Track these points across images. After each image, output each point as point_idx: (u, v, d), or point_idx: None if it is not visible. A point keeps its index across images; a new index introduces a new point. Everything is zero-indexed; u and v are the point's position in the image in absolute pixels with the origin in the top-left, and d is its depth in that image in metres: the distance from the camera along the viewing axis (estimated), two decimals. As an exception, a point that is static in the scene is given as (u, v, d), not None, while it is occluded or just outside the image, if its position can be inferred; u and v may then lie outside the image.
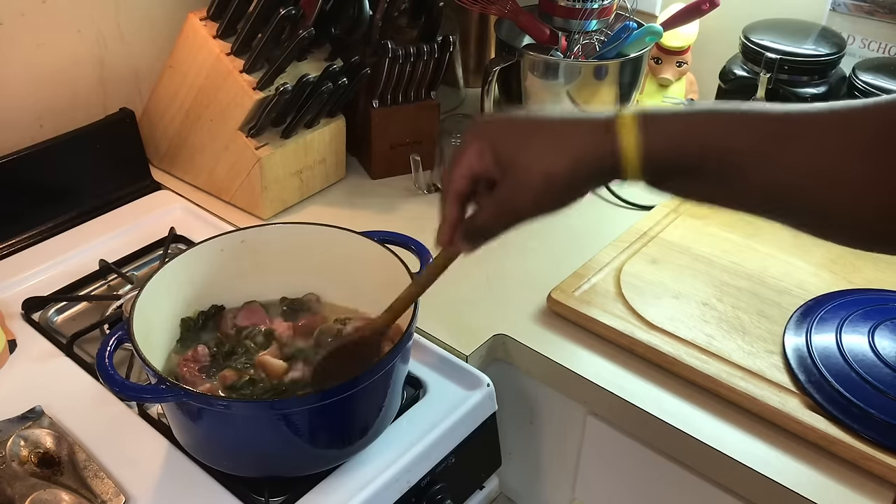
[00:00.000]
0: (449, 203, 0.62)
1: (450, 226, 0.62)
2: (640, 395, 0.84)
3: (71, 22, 1.13)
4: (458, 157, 0.60)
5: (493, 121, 0.60)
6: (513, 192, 0.58)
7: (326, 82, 1.05)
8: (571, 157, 0.56)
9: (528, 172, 0.57)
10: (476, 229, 0.62)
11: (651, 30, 1.11)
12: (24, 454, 0.75)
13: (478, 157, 0.59)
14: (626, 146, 0.55)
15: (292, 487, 0.75)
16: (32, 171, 1.07)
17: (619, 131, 0.55)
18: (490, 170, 0.59)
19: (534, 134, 0.57)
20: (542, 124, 0.58)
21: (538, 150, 0.57)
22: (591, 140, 0.56)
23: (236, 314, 0.86)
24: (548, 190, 0.57)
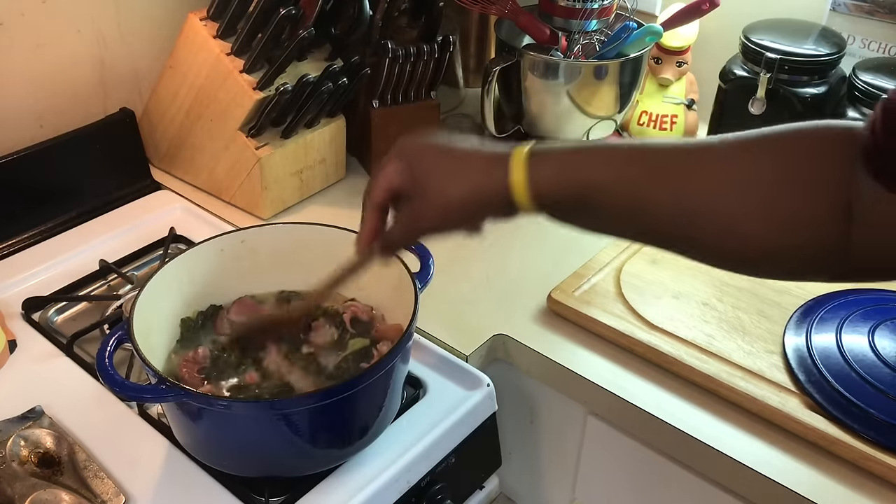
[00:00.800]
0: (369, 212, 0.67)
1: (368, 233, 0.68)
2: (640, 395, 0.84)
3: (71, 22, 1.13)
4: (381, 171, 0.66)
5: (415, 143, 0.65)
6: (419, 210, 0.64)
7: (326, 82, 1.05)
8: (466, 188, 0.62)
9: (431, 196, 0.63)
10: (389, 241, 0.68)
11: (651, 30, 1.11)
12: (24, 454, 0.75)
13: (398, 174, 0.65)
14: (516, 182, 0.60)
15: (292, 487, 0.75)
16: (32, 171, 1.07)
17: (510, 168, 0.60)
18: (406, 186, 0.64)
19: (442, 161, 0.63)
20: (450, 154, 0.63)
21: (441, 177, 0.62)
22: (486, 175, 0.61)
23: (229, 309, 0.85)
24: (445, 214, 0.63)
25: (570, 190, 0.59)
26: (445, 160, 0.63)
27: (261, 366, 0.79)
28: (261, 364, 0.79)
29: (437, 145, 0.65)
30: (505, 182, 0.60)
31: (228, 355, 0.80)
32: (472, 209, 0.63)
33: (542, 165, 0.59)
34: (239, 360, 0.79)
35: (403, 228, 0.67)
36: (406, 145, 0.66)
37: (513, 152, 0.61)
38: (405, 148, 0.66)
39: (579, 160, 0.60)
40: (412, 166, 0.64)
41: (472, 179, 0.61)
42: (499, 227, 1.14)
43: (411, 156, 0.65)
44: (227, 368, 0.79)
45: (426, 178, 0.63)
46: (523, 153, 0.60)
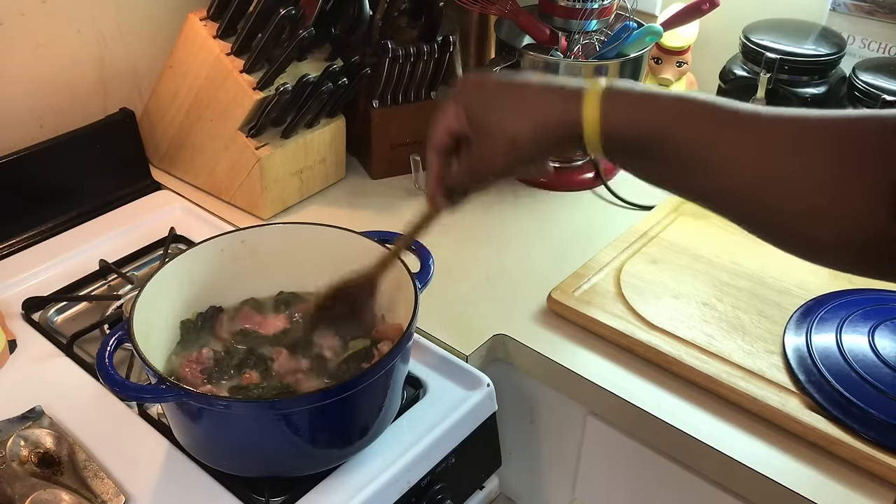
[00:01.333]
0: (431, 156, 0.66)
1: (434, 177, 0.66)
2: (640, 395, 0.84)
3: (71, 22, 1.13)
4: (439, 116, 0.64)
5: (472, 82, 0.63)
6: (482, 151, 0.61)
7: (326, 82, 1.05)
8: (535, 121, 0.58)
9: (495, 134, 0.60)
10: (450, 186, 0.66)
11: (651, 30, 1.11)
12: (24, 454, 0.75)
13: (454, 118, 0.63)
14: (588, 117, 0.57)
15: (292, 487, 0.75)
16: (32, 171, 1.07)
17: (583, 102, 0.57)
18: (465, 129, 0.62)
19: (503, 97, 0.60)
20: (513, 88, 0.60)
21: (505, 114, 0.59)
22: (556, 107, 0.58)
23: (233, 317, 0.85)
24: (512, 151, 0.60)
25: (641, 132, 0.56)
26: (510, 94, 0.60)
27: (263, 366, 0.79)
28: (263, 364, 0.79)
29: (498, 81, 0.61)
30: (577, 116, 0.57)
31: (231, 356, 0.80)
32: (541, 143, 0.59)
33: (616, 103, 0.56)
34: (241, 361, 0.79)
35: (468, 172, 0.64)
36: (464, 84, 0.63)
37: (586, 87, 0.57)
38: (463, 88, 0.63)
39: (656, 104, 0.56)
40: (473, 105, 0.61)
41: (542, 112, 0.58)
42: (499, 226, 1.15)
43: (470, 94, 0.62)
44: (229, 369, 0.79)
45: (489, 115, 0.60)
46: (598, 89, 0.57)
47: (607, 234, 1.07)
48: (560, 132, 0.58)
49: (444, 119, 0.64)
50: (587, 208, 1.17)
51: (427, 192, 0.68)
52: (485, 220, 1.14)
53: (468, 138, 0.62)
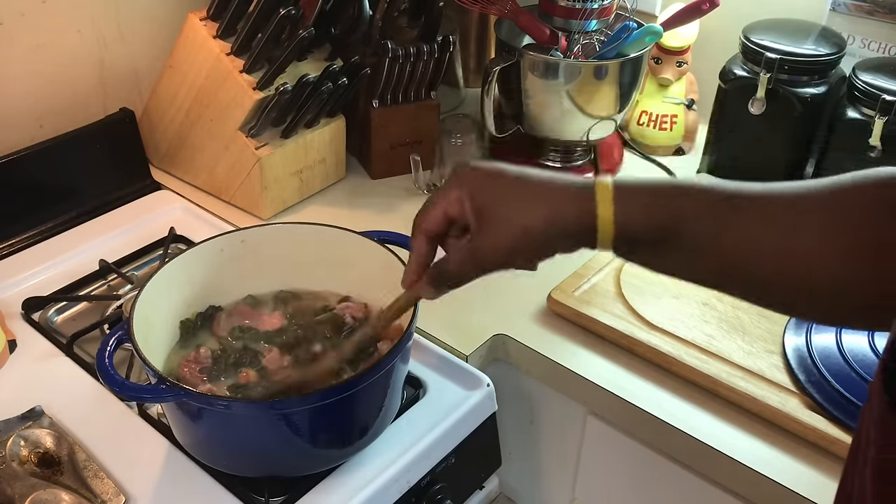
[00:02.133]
0: (418, 241, 0.62)
1: (418, 263, 0.63)
2: (640, 395, 0.84)
3: (71, 22, 1.13)
4: (437, 199, 0.61)
5: (479, 170, 0.60)
6: (487, 241, 0.59)
7: (326, 82, 1.05)
8: (550, 213, 0.57)
9: (506, 224, 0.58)
10: (442, 274, 0.62)
11: (651, 30, 1.11)
12: (24, 454, 0.75)
13: (456, 203, 0.59)
14: (602, 215, 0.56)
15: (292, 487, 0.75)
16: (32, 171, 1.07)
17: (597, 199, 0.56)
18: (466, 217, 0.59)
19: (515, 189, 0.58)
20: (524, 181, 0.59)
21: (519, 204, 0.58)
22: (570, 203, 0.57)
23: (231, 313, 0.85)
24: (523, 242, 0.58)
25: (654, 227, 0.56)
26: (520, 187, 0.58)
27: (258, 364, 0.79)
28: (259, 362, 0.80)
29: (506, 172, 0.59)
30: (591, 212, 0.56)
31: (228, 354, 0.80)
32: (553, 237, 0.58)
33: (629, 197, 0.56)
34: (238, 359, 0.79)
35: (463, 261, 0.60)
36: (468, 172, 0.60)
37: (596, 183, 0.57)
38: (467, 176, 0.60)
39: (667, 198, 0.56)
40: (477, 195, 0.59)
41: (556, 206, 0.57)
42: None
43: (476, 184, 0.59)
44: (227, 367, 0.79)
45: (497, 207, 0.58)
46: (608, 184, 0.56)
47: (607, 234, 1.06)
48: (572, 228, 0.57)
49: (444, 202, 0.60)
50: (587, 208, 1.17)
51: (407, 279, 0.64)
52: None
53: (467, 226, 0.60)
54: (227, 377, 0.78)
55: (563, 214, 0.57)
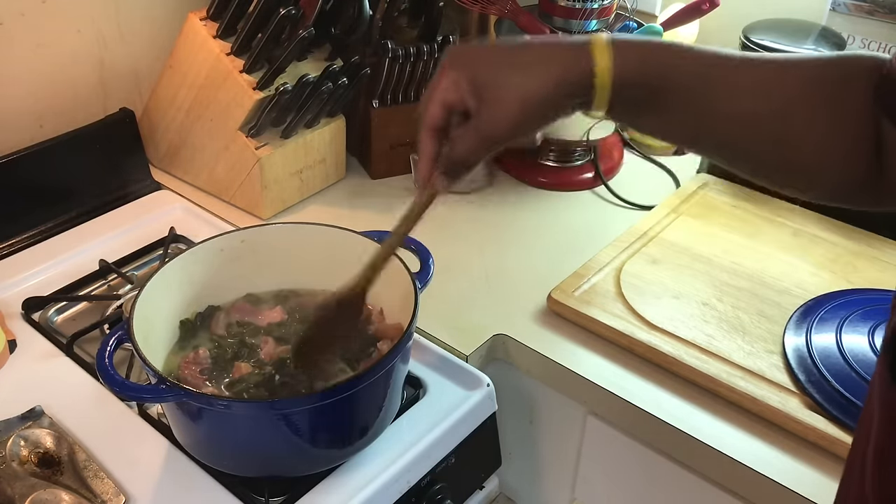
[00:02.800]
0: (424, 137, 0.61)
1: (428, 161, 0.62)
2: (640, 395, 0.84)
3: (71, 22, 1.13)
4: (433, 88, 0.60)
5: (468, 49, 0.60)
6: (490, 116, 0.58)
7: (326, 82, 1.05)
8: (547, 78, 0.56)
9: (505, 96, 0.57)
10: (454, 161, 0.61)
11: (651, 30, 1.11)
12: (24, 454, 0.75)
13: (453, 87, 0.59)
14: (600, 65, 0.56)
15: (292, 487, 0.75)
16: (32, 171, 1.07)
17: (593, 54, 0.56)
18: (465, 99, 0.59)
19: (509, 58, 0.58)
20: (516, 47, 0.59)
21: (514, 74, 0.57)
22: (566, 62, 0.57)
23: (229, 311, 0.85)
24: (525, 109, 0.57)
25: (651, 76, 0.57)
26: (514, 54, 0.58)
27: (255, 356, 0.80)
28: (255, 355, 0.80)
29: (496, 46, 0.59)
30: (589, 66, 0.56)
31: (225, 351, 0.80)
32: (554, 101, 0.57)
33: (625, 51, 0.56)
34: (235, 354, 0.79)
35: (472, 142, 0.59)
36: (458, 53, 0.59)
37: (592, 40, 0.57)
38: (458, 56, 0.59)
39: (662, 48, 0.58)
40: (471, 73, 0.58)
41: (552, 69, 0.56)
42: (499, 226, 1.14)
43: (468, 63, 0.58)
44: (226, 366, 0.79)
45: (493, 81, 0.57)
46: (604, 40, 0.56)
47: (607, 234, 1.07)
48: (573, 85, 0.56)
49: (439, 91, 0.59)
50: (587, 208, 1.17)
51: (420, 176, 0.63)
52: (485, 220, 1.14)
53: (467, 109, 0.59)
54: (227, 374, 0.78)
55: (561, 76, 0.57)
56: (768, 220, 1.09)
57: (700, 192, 1.14)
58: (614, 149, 1.27)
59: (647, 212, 1.11)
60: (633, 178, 1.23)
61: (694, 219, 1.09)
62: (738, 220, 1.09)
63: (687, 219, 1.09)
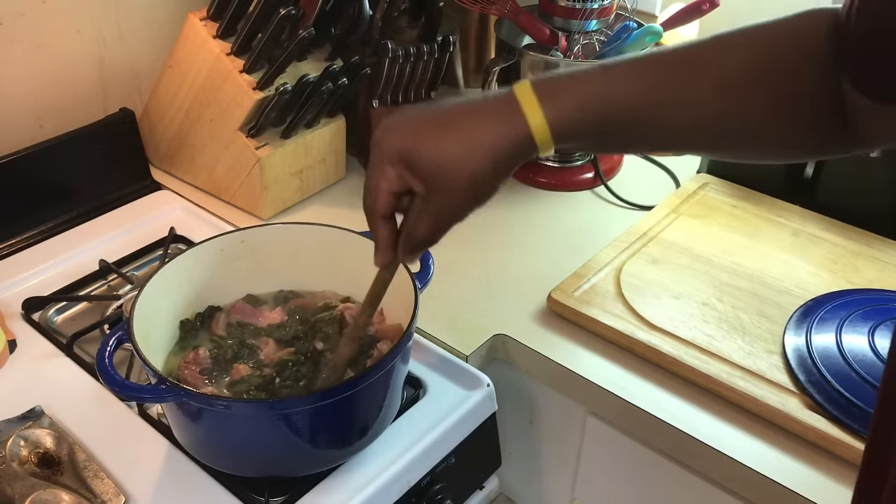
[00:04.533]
0: (378, 226, 0.62)
1: (386, 247, 0.63)
2: (640, 395, 0.84)
3: (71, 22, 1.13)
4: (373, 180, 0.59)
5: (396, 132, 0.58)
6: (442, 200, 0.58)
7: (326, 82, 1.05)
8: (489, 150, 0.56)
9: (453, 180, 0.56)
10: (416, 242, 0.61)
11: (651, 30, 1.11)
12: (24, 454, 0.75)
13: (396, 178, 0.58)
14: (535, 125, 0.55)
15: (292, 487, 0.75)
16: (32, 171, 1.07)
17: (523, 111, 0.55)
18: (412, 185, 0.58)
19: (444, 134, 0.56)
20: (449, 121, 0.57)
21: (454, 154, 0.56)
22: (500, 128, 0.56)
23: (229, 312, 0.85)
24: (476, 189, 0.57)
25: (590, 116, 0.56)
26: (447, 131, 0.56)
27: (254, 357, 0.80)
28: (254, 356, 0.80)
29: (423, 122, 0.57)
30: (524, 129, 0.55)
31: (225, 351, 0.80)
32: (501, 168, 0.56)
33: (555, 99, 0.55)
34: (235, 355, 0.79)
35: (430, 225, 0.59)
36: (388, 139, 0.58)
37: (515, 94, 0.55)
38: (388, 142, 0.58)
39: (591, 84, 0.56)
40: (411, 159, 0.57)
41: (490, 140, 0.55)
42: (499, 227, 1.14)
43: (404, 146, 0.57)
44: (227, 366, 0.79)
45: (436, 163, 0.56)
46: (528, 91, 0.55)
47: (607, 234, 1.07)
48: (514, 150, 0.56)
49: (383, 180, 0.58)
50: (587, 208, 1.17)
51: (380, 259, 0.64)
52: (485, 221, 1.14)
53: (415, 190, 0.58)
54: (227, 375, 0.78)
55: (501, 141, 0.56)
56: (768, 220, 1.09)
57: (700, 192, 1.14)
58: (614, 149, 1.27)
59: (647, 212, 1.11)
60: (633, 178, 1.23)
61: (694, 219, 1.09)
62: (738, 220, 1.09)
63: (687, 219, 1.09)
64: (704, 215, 1.09)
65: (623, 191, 1.18)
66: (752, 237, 1.05)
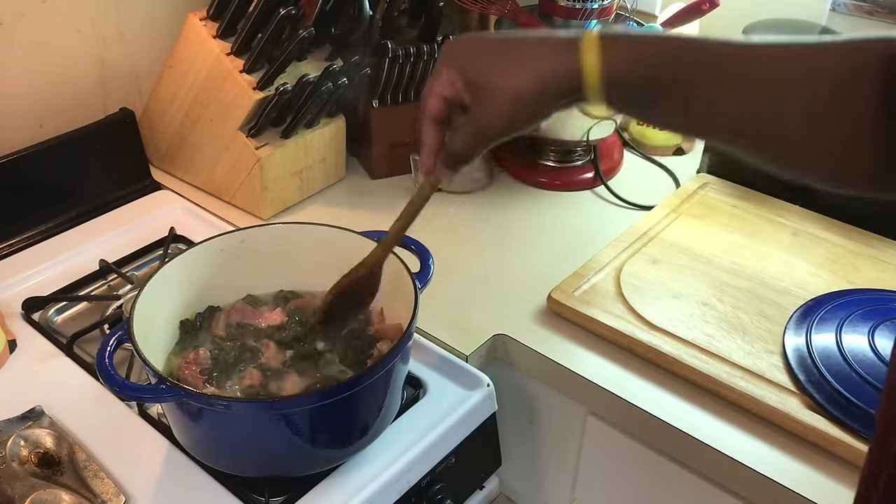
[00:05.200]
0: (426, 128, 0.64)
1: (430, 150, 0.64)
2: (640, 395, 0.84)
3: (71, 22, 1.13)
4: (431, 83, 0.62)
5: (461, 44, 0.61)
6: (483, 112, 0.59)
7: (326, 82, 1.05)
8: (537, 74, 0.57)
9: (497, 92, 0.58)
10: (453, 154, 0.63)
11: (651, 30, 1.11)
12: (24, 454, 0.75)
13: (448, 84, 0.61)
14: (587, 65, 0.56)
15: (292, 487, 0.75)
16: (32, 171, 1.07)
17: (581, 51, 0.56)
18: (461, 94, 0.60)
19: (500, 54, 0.59)
20: (508, 44, 0.59)
21: (505, 70, 0.58)
22: (555, 59, 0.57)
23: (229, 312, 0.85)
24: (517, 108, 0.58)
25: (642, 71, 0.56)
26: (506, 51, 0.59)
27: (255, 360, 0.79)
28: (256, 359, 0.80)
29: (487, 41, 0.60)
30: (577, 66, 0.56)
31: (226, 353, 0.80)
32: (546, 96, 0.57)
33: (613, 48, 0.55)
34: (237, 357, 0.79)
35: (468, 136, 0.61)
36: (452, 49, 0.61)
37: (582, 36, 0.56)
38: (451, 52, 0.61)
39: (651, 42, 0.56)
40: (466, 67, 0.60)
41: (542, 66, 0.57)
42: (499, 226, 1.14)
43: (461, 59, 0.60)
44: (228, 367, 0.79)
45: (487, 75, 0.58)
46: (594, 36, 0.56)
47: (607, 234, 1.07)
48: (562, 83, 0.57)
49: (437, 85, 0.61)
50: (587, 208, 1.17)
51: (423, 166, 0.65)
52: (485, 220, 1.14)
53: (463, 103, 0.61)
54: (228, 377, 0.78)
55: (550, 72, 0.57)
56: (768, 220, 1.09)
57: (700, 192, 1.14)
58: (614, 149, 1.27)
59: (647, 212, 1.11)
60: (633, 178, 1.23)
61: (694, 219, 1.09)
62: (738, 220, 1.09)
63: (687, 219, 1.09)
64: (704, 215, 1.09)
65: (623, 191, 1.18)
66: (752, 237, 1.05)
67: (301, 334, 0.82)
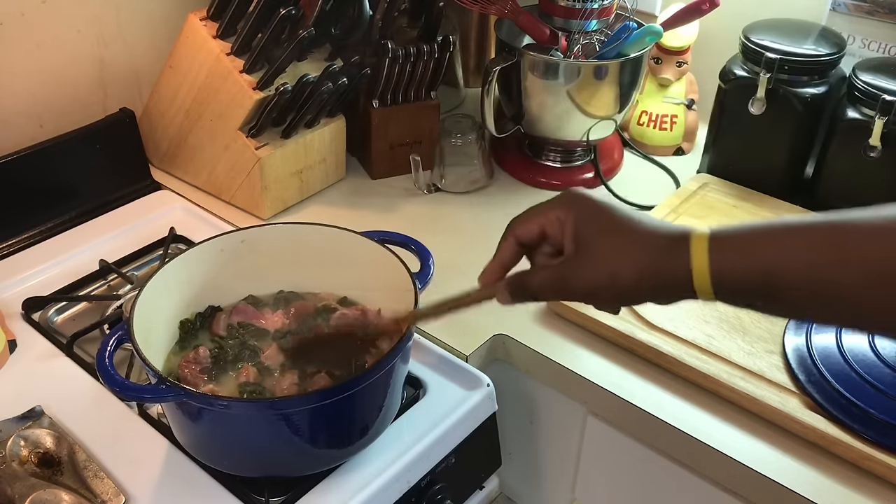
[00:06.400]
0: (507, 242, 0.63)
1: (499, 265, 0.63)
2: (640, 395, 0.84)
3: (71, 22, 1.13)
4: (538, 210, 0.61)
5: (588, 199, 0.60)
6: (577, 271, 0.59)
7: (326, 82, 1.05)
8: (639, 267, 0.57)
9: (598, 262, 0.58)
10: (525, 287, 0.62)
11: (651, 30, 1.11)
12: (24, 454, 0.75)
13: (556, 222, 0.60)
14: (698, 268, 0.55)
15: (292, 487, 0.75)
16: (32, 171, 1.07)
17: (692, 252, 0.55)
18: (561, 239, 0.60)
19: (619, 229, 0.58)
20: (627, 223, 0.58)
21: (616, 245, 0.57)
22: (665, 256, 0.56)
23: (230, 314, 0.85)
24: (609, 286, 0.58)
25: (754, 275, 0.54)
26: (622, 229, 0.58)
27: (255, 359, 0.80)
28: (256, 357, 0.80)
29: (613, 209, 0.59)
30: (686, 267, 0.55)
31: (226, 352, 0.80)
32: (638, 289, 0.57)
33: (725, 250, 0.55)
34: (237, 355, 0.79)
35: (549, 281, 0.60)
36: (578, 197, 0.60)
37: (692, 234, 0.56)
38: (576, 199, 0.60)
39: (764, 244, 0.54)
40: (581, 222, 0.59)
41: (649, 259, 0.56)
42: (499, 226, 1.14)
43: (581, 212, 0.59)
44: (227, 366, 0.79)
45: (595, 240, 0.58)
46: (704, 237, 0.55)
47: (607, 234, 1.06)
48: (666, 281, 0.56)
49: (545, 217, 0.60)
50: (587, 208, 1.17)
51: (485, 277, 0.64)
52: (485, 220, 1.14)
53: (558, 247, 0.60)
54: (228, 376, 0.78)
55: (658, 268, 0.56)
56: (768, 219, 1.08)
57: (700, 192, 1.14)
58: (614, 149, 1.27)
59: (647, 212, 1.11)
60: (633, 178, 1.23)
61: (694, 219, 1.09)
62: (738, 219, 1.08)
63: (687, 219, 1.09)
64: (704, 215, 1.09)
65: (623, 191, 1.18)
66: (752, 237, 1.05)
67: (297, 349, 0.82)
